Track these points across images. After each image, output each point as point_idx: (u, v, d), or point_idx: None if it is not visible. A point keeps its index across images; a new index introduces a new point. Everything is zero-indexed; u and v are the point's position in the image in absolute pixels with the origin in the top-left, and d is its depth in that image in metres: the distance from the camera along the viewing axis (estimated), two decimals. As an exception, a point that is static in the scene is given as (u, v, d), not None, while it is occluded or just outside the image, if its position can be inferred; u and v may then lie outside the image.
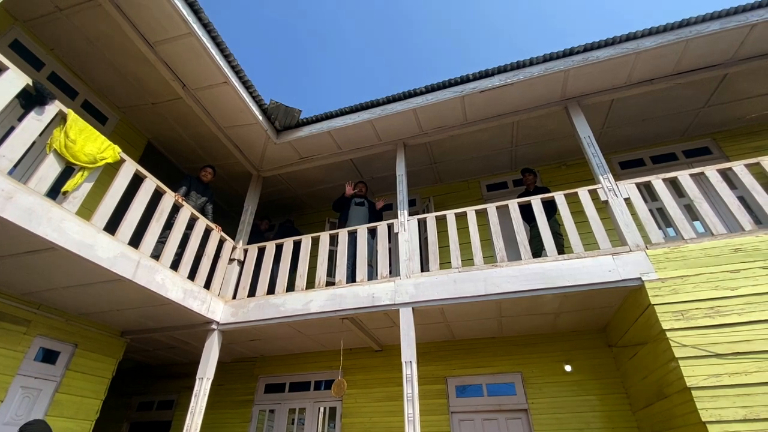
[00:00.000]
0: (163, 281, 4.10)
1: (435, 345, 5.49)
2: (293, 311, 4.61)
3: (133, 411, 6.79)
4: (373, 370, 5.64)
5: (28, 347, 4.15)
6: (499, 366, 5.13)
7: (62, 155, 3.32)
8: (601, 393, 4.61)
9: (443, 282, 4.16)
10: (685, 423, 3.21)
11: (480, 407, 4.97)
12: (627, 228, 3.95)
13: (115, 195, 3.77)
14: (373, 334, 5.30)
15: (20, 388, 4.06)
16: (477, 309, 4.39)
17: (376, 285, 4.45)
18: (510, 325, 4.91)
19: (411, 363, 3.80)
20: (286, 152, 5.91)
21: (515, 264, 4.05)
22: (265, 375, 6.26)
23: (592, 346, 4.91)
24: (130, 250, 3.79)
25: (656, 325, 3.40)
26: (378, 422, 5.24)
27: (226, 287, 5.14)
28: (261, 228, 6.63)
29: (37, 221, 3.01)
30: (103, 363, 4.86)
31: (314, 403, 5.78)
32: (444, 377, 5.26)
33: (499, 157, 6.35)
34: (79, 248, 3.29)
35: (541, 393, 4.82)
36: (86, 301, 4.24)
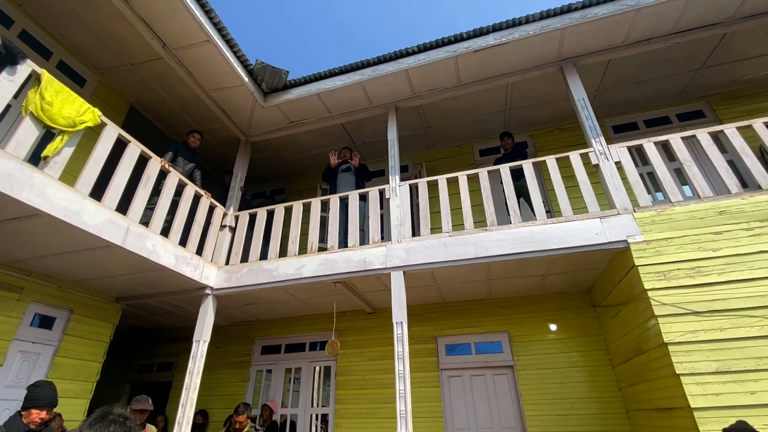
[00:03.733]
0: (154, 247, 4.09)
1: (426, 307, 5.65)
2: (286, 276, 4.66)
3: (134, 373, 7.00)
4: (366, 331, 5.81)
5: (23, 313, 4.18)
6: (487, 326, 5.32)
7: (39, 118, 3.19)
8: (584, 350, 4.83)
9: (434, 246, 4.21)
10: (659, 376, 3.40)
11: (468, 364, 5.20)
12: (616, 192, 3.98)
13: (98, 160, 3.67)
14: (365, 297, 5.42)
15: (19, 353, 4.14)
16: (467, 272, 4.48)
17: (367, 250, 4.49)
18: (498, 287, 5.04)
19: (402, 323, 3.92)
20: (274, 116, 5.75)
21: (505, 228, 4.10)
22: (261, 337, 6.44)
23: (576, 306, 5.09)
24: (118, 217, 3.75)
25: (639, 286, 3.52)
26: (371, 379, 5.47)
27: (219, 253, 5.16)
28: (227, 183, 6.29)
29: (18, 187, 2.94)
30: (99, 328, 4.95)
31: (309, 363, 6.00)
32: (434, 337, 5.46)
33: (493, 121, 6.26)
34: (66, 214, 3.24)
35: (526, 351, 5.04)
36: (78, 268, 4.24)
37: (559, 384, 4.73)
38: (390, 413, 5.03)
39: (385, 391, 5.26)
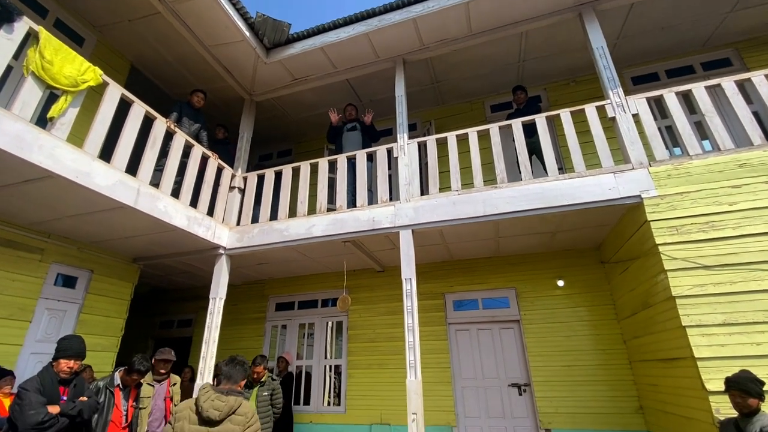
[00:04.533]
0: (165, 208, 4.15)
1: (434, 265, 5.73)
2: (297, 235, 4.73)
3: (156, 329, 7.38)
4: (375, 288, 5.96)
5: (46, 273, 4.36)
6: (494, 283, 5.40)
7: (41, 78, 3.14)
8: (590, 305, 4.91)
9: (442, 204, 4.19)
10: (664, 328, 3.46)
11: (475, 319, 5.35)
12: (632, 145, 3.85)
13: (104, 121, 3.65)
14: (374, 256, 5.50)
15: (46, 310, 4.35)
16: (475, 230, 4.49)
17: (376, 209, 4.50)
18: (507, 244, 5.06)
19: (411, 280, 3.99)
20: (277, 73, 5.58)
21: (515, 185, 4.04)
22: (275, 295, 6.66)
23: (585, 263, 5.11)
24: (128, 178, 3.77)
25: (650, 241, 3.49)
26: (381, 333, 5.68)
27: (230, 214, 5.22)
28: (218, 137, 6.17)
29: (28, 149, 2.96)
30: (120, 287, 5.15)
31: (322, 318, 6.23)
32: (442, 293, 5.58)
33: (505, 74, 5.99)
34: (77, 176, 3.27)
35: (533, 306, 5.14)
36: (94, 229, 4.35)
37: (564, 337, 4.86)
38: (400, 364, 5.27)
39: (395, 343, 5.48)
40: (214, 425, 2.04)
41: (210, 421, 2.05)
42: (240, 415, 2.11)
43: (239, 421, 2.09)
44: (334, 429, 5.37)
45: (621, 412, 4.40)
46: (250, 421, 2.13)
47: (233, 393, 2.20)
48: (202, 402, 2.09)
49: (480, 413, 4.95)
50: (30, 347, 4.13)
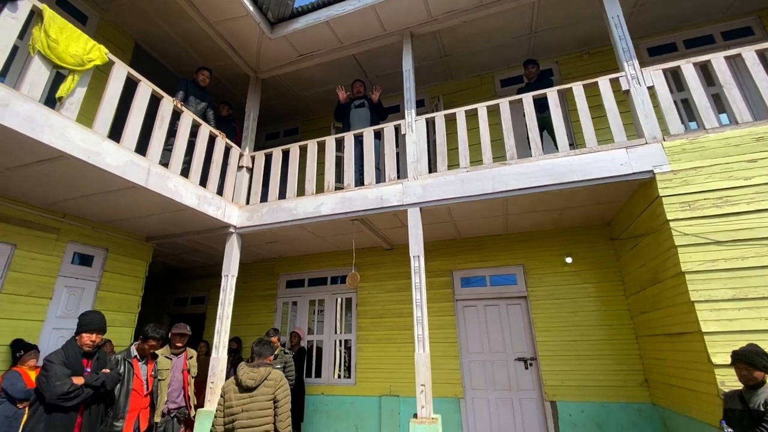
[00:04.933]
0: (176, 188, 4.19)
1: (442, 243, 5.75)
2: (305, 214, 4.76)
3: (171, 306, 7.60)
4: (383, 266, 6.03)
5: (63, 252, 4.47)
6: (502, 260, 5.43)
7: (47, 57, 3.13)
8: (598, 282, 4.92)
9: (451, 182, 4.17)
10: (673, 303, 3.47)
11: (483, 295, 5.41)
12: (646, 119, 3.76)
13: (111, 100, 3.65)
14: (382, 234, 5.54)
15: (65, 288, 4.49)
16: (484, 207, 4.47)
17: (384, 187, 4.49)
18: (515, 222, 5.05)
19: (419, 257, 4.03)
20: (282, 49, 5.48)
21: (525, 161, 3.99)
22: (285, 272, 6.77)
23: (594, 240, 5.09)
24: (138, 158, 3.80)
25: (661, 216, 3.45)
26: (389, 309, 5.79)
27: (239, 194, 5.26)
28: (222, 114, 6.06)
29: (39, 129, 2.98)
30: (135, 265, 5.28)
31: (332, 295, 6.35)
32: (450, 270, 5.63)
33: (516, 47, 5.81)
34: (88, 156, 3.30)
35: (540, 282, 5.17)
36: (107, 209, 4.42)
37: (571, 313, 4.91)
38: (408, 338, 5.39)
39: (403, 319, 5.58)
40: (252, 391, 2.73)
41: (248, 389, 2.73)
42: (270, 380, 2.79)
43: (270, 384, 2.77)
44: (345, 400, 5.57)
45: (626, 385, 4.48)
46: (279, 383, 2.80)
47: (263, 365, 2.86)
48: (240, 375, 2.77)
49: (486, 386, 5.08)
50: (52, 323, 4.30)
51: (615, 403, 4.46)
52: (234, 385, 2.78)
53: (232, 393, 2.75)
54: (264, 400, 2.70)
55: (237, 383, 2.77)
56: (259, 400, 2.69)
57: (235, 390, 2.76)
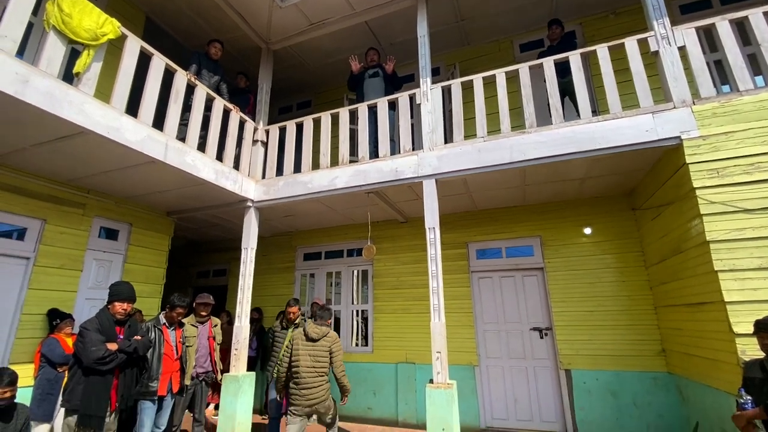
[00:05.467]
0: (193, 162, 4.24)
1: (457, 215, 5.72)
2: (320, 187, 4.78)
3: (194, 279, 7.88)
4: (399, 239, 6.07)
5: (90, 226, 4.64)
6: (519, 231, 5.38)
7: (62, 32, 3.13)
8: (618, 252, 4.85)
9: (467, 152, 4.09)
10: (695, 273, 3.40)
11: (498, 267, 5.42)
12: (675, 82, 3.57)
13: (127, 75, 3.66)
14: (397, 207, 5.54)
15: (94, 261, 4.69)
16: (501, 178, 4.40)
17: (398, 159, 4.45)
18: (533, 192, 4.96)
19: (434, 229, 4.03)
20: (294, 18, 5.34)
21: (545, 129, 3.87)
22: (303, 246, 6.90)
23: (614, 210, 4.98)
24: (156, 133, 3.84)
25: (686, 185, 3.34)
26: (405, 281, 5.87)
27: (255, 168, 5.30)
28: (240, 85, 6.13)
29: (59, 105, 3.03)
30: (158, 239, 5.46)
31: (348, 267, 6.46)
32: (465, 243, 5.63)
33: (537, 9, 5.52)
34: (108, 131, 3.35)
35: (557, 254, 5.13)
36: (128, 184, 4.53)
37: (588, 284, 4.88)
38: (423, 309, 5.48)
39: (418, 290, 5.66)
40: (316, 342, 3.55)
41: (313, 339, 3.56)
42: (329, 337, 3.60)
43: (329, 340, 3.58)
44: (363, 367, 5.77)
45: (642, 355, 4.49)
46: (335, 340, 3.62)
47: (323, 325, 3.66)
48: (307, 329, 3.61)
49: (501, 354, 5.17)
50: (84, 294, 4.52)
51: (630, 371, 4.49)
52: (302, 335, 3.60)
53: (300, 341, 3.56)
54: (323, 349, 3.53)
55: (305, 335, 3.58)
56: (320, 349, 3.53)
57: (302, 339, 3.57)
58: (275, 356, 4.28)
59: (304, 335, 3.59)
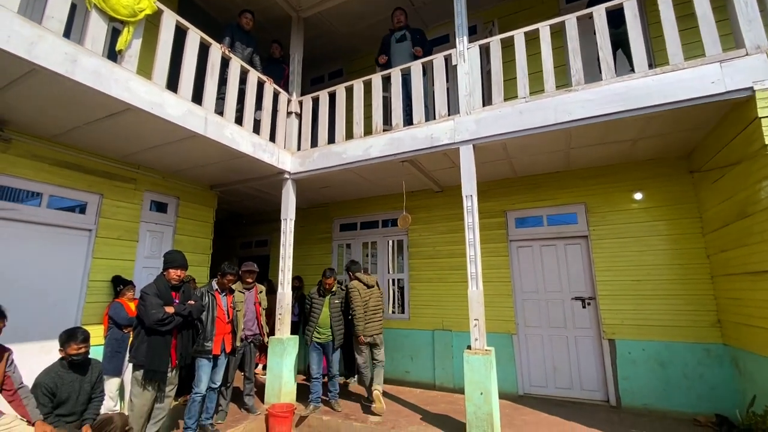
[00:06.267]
0: (232, 135, 4.34)
1: (495, 183, 5.55)
2: (355, 157, 4.76)
3: (238, 249, 8.28)
4: (434, 208, 6.00)
5: (142, 200, 4.93)
6: (561, 199, 5.15)
7: (103, 9, 3.22)
8: (671, 218, 4.54)
9: (507, 115, 3.89)
10: (762, 239, 3.12)
11: (539, 235, 5.25)
12: (749, 25, 3.14)
13: (165, 50, 3.73)
14: (432, 176, 5.44)
15: (147, 232, 5.02)
16: (544, 141, 4.17)
17: (434, 125, 4.32)
18: (578, 156, 4.68)
19: (472, 196, 3.92)
20: (323, -18, 5.17)
21: (593, 86, 3.58)
22: (339, 217, 7.01)
23: (669, 173, 4.62)
24: (196, 107, 3.94)
25: (757, 142, 3.00)
26: (441, 250, 5.84)
27: (290, 140, 5.35)
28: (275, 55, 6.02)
29: (106, 82, 3.15)
30: (203, 212, 5.73)
31: (383, 237, 6.52)
32: (504, 211, 5.47)
33: (585, -48, 4.99)
34: (152, 107, 3.47)
35: (603, 221, 4.88)
36: (173, 159, 4.73)
37: (637, 252, 4.63)
38: (459, 278, 5.46)
39: (455, 260, 5.63)
40: (372, 288, 4.62)
41: (370, 286, 4.61)
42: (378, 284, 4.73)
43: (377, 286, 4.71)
44: (400, 333, 5.91)
45: (694, 326, 4.26)
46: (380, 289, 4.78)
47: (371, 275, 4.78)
48: (364, 278, 4.64)
49: (540, 323, 5.10)
50: (141, 262, 4.88)
51: (681, 342, 4.29)
52: (360, 284, 4.58)
53: (362, 290, 4.54)
54: (378, 293, 4.67)
55: (364, 284, 4.60)
56: (375, 292, 4.62)
57: (363, 288, 4.56)
58: (313, 321, 4.44)
59: (364, 285, 4.55)
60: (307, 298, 4.70)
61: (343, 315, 4.62)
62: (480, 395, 3.47)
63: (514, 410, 4.45)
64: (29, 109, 3.44)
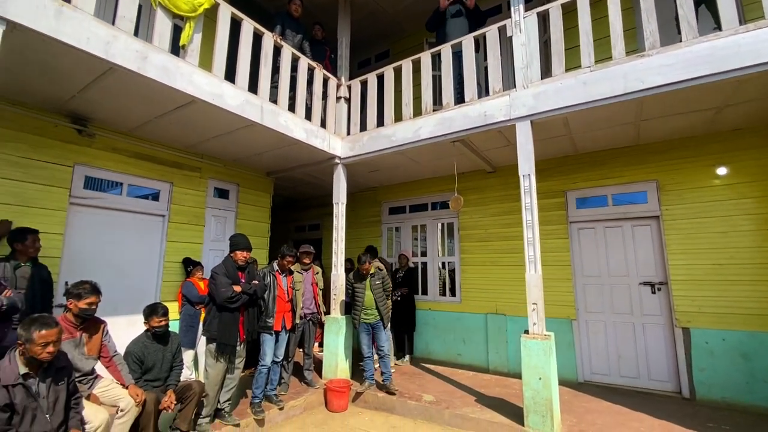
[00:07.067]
0: (286, 123, 4.47)
1: (554, 161, 5.24)
2: (404, 140, 4.72)
3: (293, 232, 8.66)
4: (487, 189, 5.82)
5: (206, 188, 5.27)
6: (629, 176, 4.75)
7: (166, 7, 3.40)
8: (762, 196, 4.03)
9: (569, 86, 3.62)
10: None
11: (602, 216, 4.92)
12: None
13: (223, 43, 3.88)
14: (485, 156, 5.25)
15: (212, 217, 5.37)
16: (610, 114, 3.85)
17: (487, 102, 4.14)
18: (650, 129, 4.27)
19: (529, 176, 3.74)
20: (370, -40, 5.06)
21: (671, 49, 3.21)
22: (388, 200, 7.04)
23: (760, 144, 4.08)
24: (252, 96, 4.09)
25: None
26: (494, 233, 5.68)
27: (339, 125, 5.41)
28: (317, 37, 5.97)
29: (173, 77, 3.36)
30: (261, 197, 6.02)
31: (433, 220, 6.46)
32: (563, 191, 5.17)
33: None
34: (213, 98, 3.66)
35: (678, 199, 4.45)
36: (233, 148, 4.98)
37: (719, 233, 4.18)
38: (513, 261, 5.29)
39: (508, 242, 5.45)
40: None
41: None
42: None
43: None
44: (451, 316, 5.89)
45: (788, 315, 3.81)
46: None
47: None
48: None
49: (603, 309, 4.82)
50: (207, 245, 5.25)
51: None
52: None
53: None
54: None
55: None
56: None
57: None
58: (358, 304, 4.45)
59: None
60: (348, 285, 4.64)
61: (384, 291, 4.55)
62: (538, 380, 3.38)
63: (573, 397, 4.30)
64: (108, 106, 3.76)
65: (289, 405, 4.05)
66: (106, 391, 2.80)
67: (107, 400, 2.75)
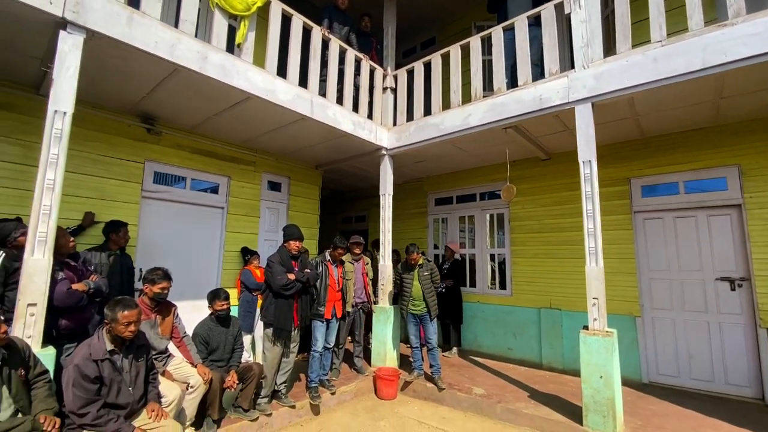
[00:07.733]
0: (334, 115, 4.53)
1: (616, 146, 4.86)
2: (453, 128, 4.61)
3: (340, 224, 8.85)
4: (540, 178, 5.55)
5: (260, 181, 5.51)
6: (705, 160, 4.31)
7: (223, 8, 3.56)
8: None
9: (637, 64, 3.32)
10: None
11: (672, 205, 4.51)
12: None
13: (275, 39, 4.00)
14: (539, 142, 5.00)
15: (266, 209, 5.62)
16: (684, 92, 3.49)
17: (543, 85, 3.92)
18: (731, 107, 3.83)
19: (590, 162, 3.50)
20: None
21: (758, 16, 2.83)
22: (434, 191, 6.96)
23: None
24: (302, 91, 4.19)
25: None
26: (547, 224, 5.42)
27: (386, 115, 5.40)
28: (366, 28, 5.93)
29: (230, 75, 3.52)
30: (310, 189, 6.20)
31: (482, 211, 6.29)
32: (627, 178, 4.80)
33: None
34: (266, 94, 3.79)
35: (765, 186, 3.97)
36: (284, 142, 5.15)
37: (817, 223, 3.68)
38: (569, 254, 5.03)
39: (563, 234, 5.18)
40: None
41: None
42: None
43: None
44: (501, 309, 5.73)
45: None
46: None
47: None
48: None
49: (673, 306, 4.45)
50: (263, 235, 5.51)
51: None
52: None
53: None
54: None
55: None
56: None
57: None
58: (406, 295, 4.44)
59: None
60: (396, 276, 4.67)
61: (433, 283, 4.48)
62: (599, 378, 3.20)
63: (637, 398, 4.03)
64: (172, 105, 4.03)
65: (340, 390, 4.18)
66: (178, 369, 3.05)
67: (179, 376, 3.00)
